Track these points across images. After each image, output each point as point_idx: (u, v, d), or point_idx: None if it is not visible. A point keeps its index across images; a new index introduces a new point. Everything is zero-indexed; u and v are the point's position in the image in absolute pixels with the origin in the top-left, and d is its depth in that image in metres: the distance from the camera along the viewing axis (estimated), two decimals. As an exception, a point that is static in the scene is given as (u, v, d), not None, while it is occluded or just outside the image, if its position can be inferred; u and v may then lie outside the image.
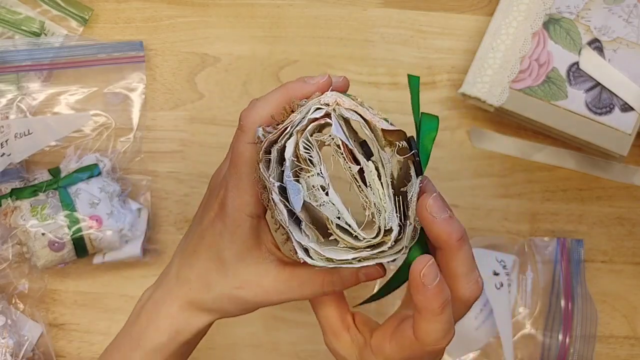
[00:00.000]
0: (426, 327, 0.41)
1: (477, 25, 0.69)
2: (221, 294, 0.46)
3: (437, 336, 0.41)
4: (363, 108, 0.38)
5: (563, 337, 0.66)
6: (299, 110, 0.39)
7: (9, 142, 0.62)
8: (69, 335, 0.67)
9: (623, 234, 0.69)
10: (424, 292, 0.39)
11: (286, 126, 0.39)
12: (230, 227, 0.44)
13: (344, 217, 0.38)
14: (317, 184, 0.37)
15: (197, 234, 0.47)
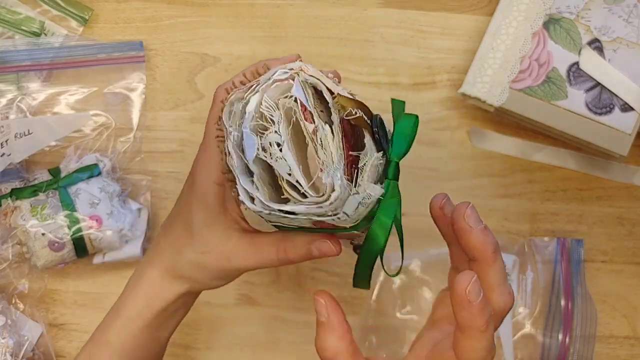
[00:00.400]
0: (471, 346, 0.39)
1: (477, 25, 0.69)
2: (189, 260, 0.48)
3: (482, 354, 0.39)
4: (327, 79, 0.40)
5: (563, 337, 0.66)
6: (266, 73, 0.41)
7: (9, 142, 0.62)
8: (69, 335, 0.67)
9: (623, 234, 0.69)
10: (469, 308, 0.38)
11: (252, 84, 0.41)
12: (198, 194, 0.47)
13: (295, 173, 0.38)
14: (273, 141, 0.39)
15: (174, 209, 0.50)
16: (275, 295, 0.68)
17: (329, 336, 0.45)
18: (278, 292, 0.68)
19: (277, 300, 0.68)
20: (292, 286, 0.68)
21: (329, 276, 0.68)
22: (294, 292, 0.68)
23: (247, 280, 0.67)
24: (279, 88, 0.40)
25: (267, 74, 0.41)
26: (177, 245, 0.48)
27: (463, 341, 0.39)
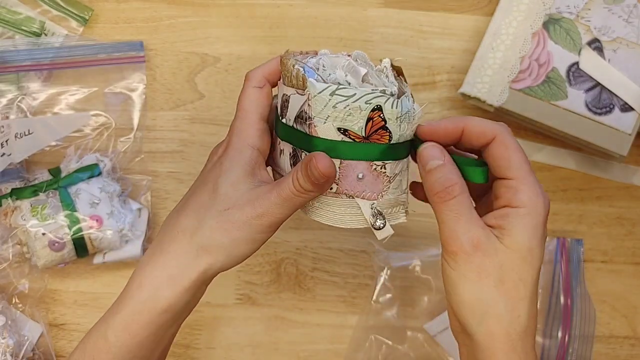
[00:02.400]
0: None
1: (477, 25, 0.69)
2: (210, 223, 0.45)
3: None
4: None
5: (562, 336, 0.66)
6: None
7: (9, 142, 0.62)
8: (69, 335, 0.67)
9: (623, 234, 0.69)
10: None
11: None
12: (230, 156, 0.47)
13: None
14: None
15: (192, 186, 0.49)
16: (275, 295, 0.68)
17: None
18: (278, 292, 0.68)
19: (277, 300, 0.68)
20: (292, 286, 0.68)
21: (329, 276, 0.68)
22: (294, 292, 0.68)
23: (247, 280, 0.67)
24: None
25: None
26: (197, 213, 0.46)
27: (438, 222, 0.44)
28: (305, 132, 0.45)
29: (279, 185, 0.45)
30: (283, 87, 0.47)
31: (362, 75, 0.45)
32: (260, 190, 0.46)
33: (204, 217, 0.46)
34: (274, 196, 0.45)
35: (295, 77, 0.45)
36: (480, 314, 0.42)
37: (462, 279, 0.43)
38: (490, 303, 0.42)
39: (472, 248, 0.43)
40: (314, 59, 0.46)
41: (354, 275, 0.68)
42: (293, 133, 0.46)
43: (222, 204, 0.46)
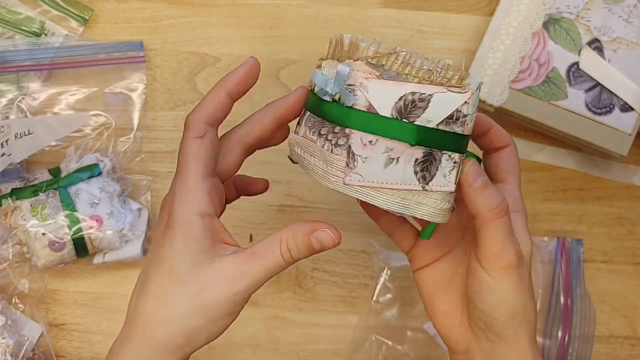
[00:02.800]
0: (491, 236, 0.46)
1: (477, 25, 0.69)
2: (182, 310, 0.41)
3: (506, 245, 0.46)
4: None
5: (562, 336, 0.66)
6: None
7: (9, 142, 0.62)
8: (69, 335, 0.67)
9: (623, 234, 0.69)
10: (473, 192, 0.44)
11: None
12: (180, 232, 0.42)
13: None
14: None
15: (148, 258, 0.44)
16: (275, 295, 0.68)
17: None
18: (278, 292, 0.68)
19: (277, 300, 0.68)
20: (292, 286, 0.68)
21: (329, 276, 0.68)
22: (294, 292, 0.68)
23: (247, 280, 0.67)
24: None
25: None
26: (164, 300, 0.42)
27: (481, 241, 0.45)
28: (459, 133, 0.42)
29: (262, 258, 0.42)
30: (407, 84, 0.41)
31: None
32: (233, 264, 0.42)
33: (174, 304, 0.42)
34: (259, 272, 0.42)
35: (443, 75, 0.41)
36: (520, 319, 0.46)
37: (505, 288, 0.46)
38: (527, 309, 0.47)
39: (518, 261, 0.46)
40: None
41: (354, 275, 0.68)
42: (437, 135, 0.42)
43: (191, 288, 0.41)
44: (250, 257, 0.42)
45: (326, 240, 0.42)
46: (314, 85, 0.46)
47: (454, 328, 0.49)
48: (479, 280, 0.46)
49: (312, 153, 0.44)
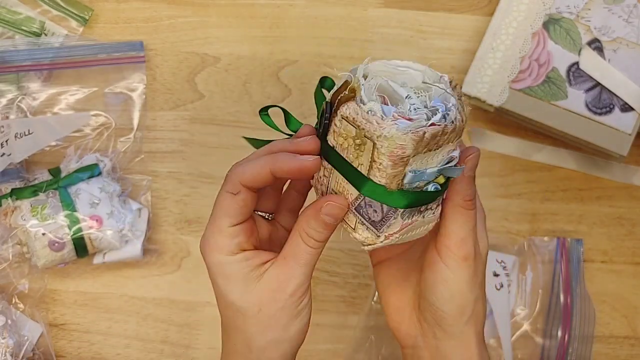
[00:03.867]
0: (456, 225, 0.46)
1: (477, 25, 0.69)
2: (255, 329, 0.45)
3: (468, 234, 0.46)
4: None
5: (562, 336, 0.66)
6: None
7: (9, 142, 0.62)
8: (69, 335, 0.67)
9: (623, 234, 0.69)
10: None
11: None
12: (217, 274, 0.46)
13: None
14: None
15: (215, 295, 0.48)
16: (276, 295, 0.68)
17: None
18: (278, 292, 0.68)
19: (277, 300, 0.68)
20: (292, 286, 0.68)
21: (329, 276, 0.68)
22: (294, 292, 0.68)
23: (247, 280, 0.67)
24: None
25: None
26: (237, 328, 0.46)
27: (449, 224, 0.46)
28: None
29: (293, 256, 0.45)
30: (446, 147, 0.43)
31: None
32: (274, 274, 0.45)
33: (245, 330, 0.46)
34: (297, 270, 0.45)
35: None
36: (468, 316, 0.47)
37: (459, 280, 0.47)
38: (477, 305, 0.47)
39: (475, 254, 0.47)
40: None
41: (354, 275, 0.68)
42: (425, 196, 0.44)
43: (251, 311, 0.45)
44: (284, 261, 0.45)
45: (333, 211, 0.44)
46: (406, 183, 0.43)
47: (403, 323, 0.51)
48: (434, 270, 0.47)
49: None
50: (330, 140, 0.43)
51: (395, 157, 0.40)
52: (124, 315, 0.67)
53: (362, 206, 0.43)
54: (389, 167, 0.41)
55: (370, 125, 0.40)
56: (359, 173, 0.42)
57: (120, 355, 0.67)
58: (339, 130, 0.42)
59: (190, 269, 0.67)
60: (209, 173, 0.68)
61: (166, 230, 0.67)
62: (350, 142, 0.42)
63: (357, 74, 0.42)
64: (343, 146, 0.42)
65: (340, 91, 0.43)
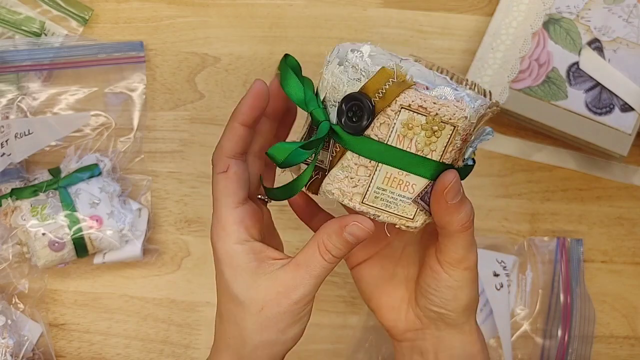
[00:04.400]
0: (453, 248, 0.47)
1: (477, 25, 0.69)
2: (253, 327, 0.45)
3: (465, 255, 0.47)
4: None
5: (562, 336, 0.66)
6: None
7: (9, 142, 0.62)
8: (69, 335, 0.67)
9: (623, 234, 0.69)
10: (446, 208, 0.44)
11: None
12: (225, 264, 0.45)
13: None
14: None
15: (217, 286, 0.47)
16: (276, 295, 0.68)
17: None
18: (278, 292, 0.68)
19: (277, 300, 0.68)
20: (292, 286, 0.68)
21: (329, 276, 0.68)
22: (294, 292, 0.68)
23: (247, 280, 0.67)
24: None
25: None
26: (235, 323, 0.45)
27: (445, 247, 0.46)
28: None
29: (306, 266, 0.44)
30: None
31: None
32: (283, 278, 0.44)
33: (244, 325, 0.45)
34: (308, 280, 0.44)
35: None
36: (472, 307, 0.49)
37: (463, 285, 0.48)
38: (476, 299, 0.49)
39: (475, 264, 0.48)
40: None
41: (354, 275, 0.68)
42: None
43: (253, 308, 0.44)
44: (296, 268, 0.45)
45: (358, 232, 0.43)
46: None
47: (399, 320, 0.51)
48: (437, 278, 0.48)
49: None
50: (374, 134, 0.42)
51: (466, 134, 0.42)
52: (124, 315, 0.67)
53: (427, 192, 0.43)
54: (459, 145, 0.42)
55: (448, 110, 0.40)
56: (429, 161, 0.42)
57: (120, 355, 0.67)
58: (395, 122, 0.41)
59: (190, 269, 0.67)
60: (209, 173, 0.67)
61: (166, 230, 0.67)
62: (418, 130, 0.41)
63: (363, 56, 0.42)
64: (406, 137, 0.41)
65: (379, 80, 0.41)
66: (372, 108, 0.41)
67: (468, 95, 0.42)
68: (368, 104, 0.41)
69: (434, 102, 0.40)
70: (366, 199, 0.43)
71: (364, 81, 0.41)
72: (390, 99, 0.40)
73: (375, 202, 0.43)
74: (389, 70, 0.41)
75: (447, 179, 0.43)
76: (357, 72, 0.42)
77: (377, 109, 0.41)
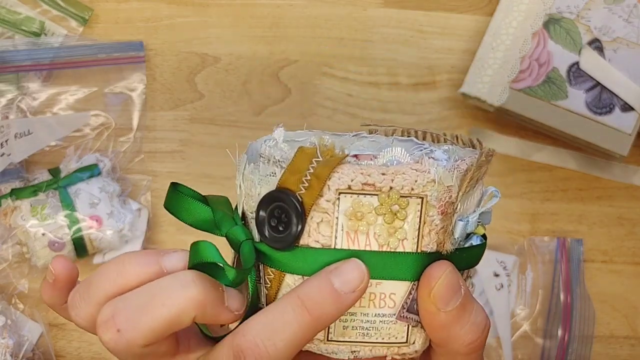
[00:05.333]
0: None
1: (477, 25, 0.69)
2: None
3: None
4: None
5: (562, 337, 0.66)
6: None
7: (9, 142, 0.62)
8: (69, 335, 0.67)
9: (623, 234, 0.69)
10: (438, 319, 0.31)
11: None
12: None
13: None
14: None
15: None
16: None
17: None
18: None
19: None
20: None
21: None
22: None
23: (247, 280, 0.67)
24: None
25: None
26: None
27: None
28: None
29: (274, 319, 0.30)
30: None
31: None
32: None
33: None
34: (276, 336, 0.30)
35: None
36: None
37: None
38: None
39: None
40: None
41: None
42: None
43: None
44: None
45: (350, 274, 0.30)
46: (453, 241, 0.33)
47: None
48: None
49: None
50: (314, 240, 0.30)
51: (444, 204, 0.31)
52: (124, 315, 0.67)
53: (414, 300, 0.31)
54: (439, 222, 0.31)
55: (405, 177, 0.30)
56: (402, 256, 0.30)
57: (120, 355, 0.67)
58: (337, 215, 0.30)
59: (190, 269, 0.67)
60: (208, 173, 0.68)
61: (166, 230, 0.67)
62: (373, 218, 0.30)
63: (277, 143, 0.32)
64: (358, 232, 0.30)
65: (299, 166, 0.30)
66: (300, 205, 0.29)
67: (442, 151, 0.32)
68: (293, 202, 0.29)
69: (382, 173, 0.29)
70: (332, 334, 0.31)
71: (280, 174, 0.30)
72: (320, 186, 0.29)
73: (346, 335, 0.31)
74: (308, 149, 0.30)
75: (432, 276, 0.30)
76: (271, 165, 0.31)
77: (306, 205, 0.29)
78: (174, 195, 0.33)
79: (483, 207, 0.34)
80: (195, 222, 0.32)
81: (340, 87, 0.68)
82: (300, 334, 0.29)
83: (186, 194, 0.33)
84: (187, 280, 0.30)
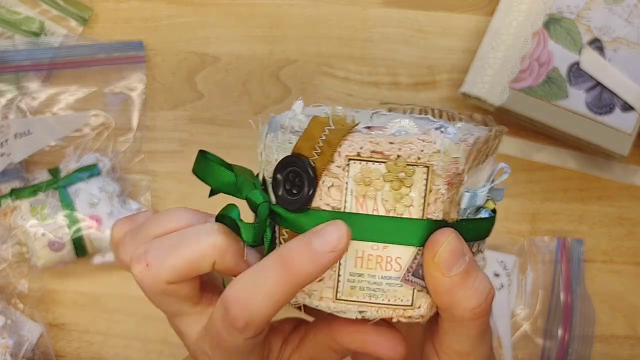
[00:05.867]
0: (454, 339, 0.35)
1: (477, 25, 0.69)
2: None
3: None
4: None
5: (562, 337, 0.66)
6: None
7: (9, 142, 0.62)
8: (68, 335, 0.67)
9: (623, 234, 0.69)
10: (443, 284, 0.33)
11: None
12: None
13: None
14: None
15: None
16: (275, 295, 0.68)
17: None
18: (278, 292, 0.68)
19: (277, 300, 0.68)
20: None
21: (329, 276, 0.68)
22: (294, 292, 0.68)
23: (247, 280, 0.67)
24: None
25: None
26: None
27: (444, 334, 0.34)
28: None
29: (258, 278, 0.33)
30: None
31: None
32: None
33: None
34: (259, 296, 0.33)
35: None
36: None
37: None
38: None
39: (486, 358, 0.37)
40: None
41: (354, 275, 0.68)
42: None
43: None
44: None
45: (330, 235, 0.32)
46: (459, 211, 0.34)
47: None
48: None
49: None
50: (325, 203, 0.32)
51: (450, 175, 0.32)
52: (124, 315, 0.67)
53: (420, 265, 0.33)
54: (445, 192, 0.32)
55: (411, 147, 0.31)
56: (408, 222, 0.32)
57: (120, 356, 0.67)
58: (347, 180, 0.32)
59: (190, 269, 0.67)
60: (208, 173, 0.68)
61: (166, 230, 0.67)
62: (380, 184, 0.32)
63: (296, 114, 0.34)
64: (367, 196, 0.32)
65: (312, 134, 0.32)
66: (313, 170, 0.32)
67: (454, 128, 0.33)
68: (306, 167, 0.32)
69: (390, 142, 0.31)
70: (340, 293, 0.33)
71: (295, 141, 0.33)
72: (331, 153, 0.32)
73: (353, 295, 0.33)
74: (322, 118, 0.32)
75: (436, 241, 0.32)
76: (288, 134, 0.33)
77: (318, 170, 0.32)
78: (202, 160, 0.36)
79: (492, 180, 0.35)
80: (220, 185, 0.35)
81: (341, 87, 0.68)
82: (279, 289, 0.31)
83: (213, 160, 0.36)
84: (212, 229, 0.34)
